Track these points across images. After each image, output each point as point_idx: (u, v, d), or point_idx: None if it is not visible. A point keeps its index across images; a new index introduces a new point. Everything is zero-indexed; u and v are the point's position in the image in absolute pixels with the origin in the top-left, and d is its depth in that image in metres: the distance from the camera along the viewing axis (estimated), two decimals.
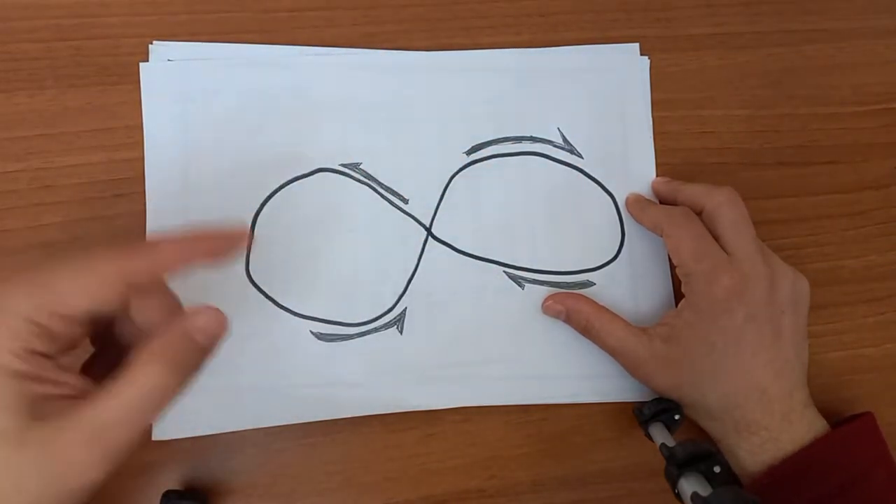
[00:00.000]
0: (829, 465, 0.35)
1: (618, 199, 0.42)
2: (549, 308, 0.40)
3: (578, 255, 0.41)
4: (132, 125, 0.39)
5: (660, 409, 0.38)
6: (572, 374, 0.40)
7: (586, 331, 0.39)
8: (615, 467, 0.40)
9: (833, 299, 0.44)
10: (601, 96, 0.43)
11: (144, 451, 0.35)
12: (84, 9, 0.39)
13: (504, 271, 0.41)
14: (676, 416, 0.38)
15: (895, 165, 0.46)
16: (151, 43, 0.39)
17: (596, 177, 0.42)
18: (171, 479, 0.37)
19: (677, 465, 0.33)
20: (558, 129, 0.42)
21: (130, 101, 0.39)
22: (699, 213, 0.38)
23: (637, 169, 0.42)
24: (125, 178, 0.38)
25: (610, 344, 0.38)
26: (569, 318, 0.40)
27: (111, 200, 0.38)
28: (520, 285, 0.41)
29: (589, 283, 0.41)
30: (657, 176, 0.42)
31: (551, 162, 0.42)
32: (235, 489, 0.37)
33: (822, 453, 0.35)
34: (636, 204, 0.41)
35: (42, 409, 0.21)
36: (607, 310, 0.39)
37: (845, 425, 0.36)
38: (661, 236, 0.38)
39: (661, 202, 0.42)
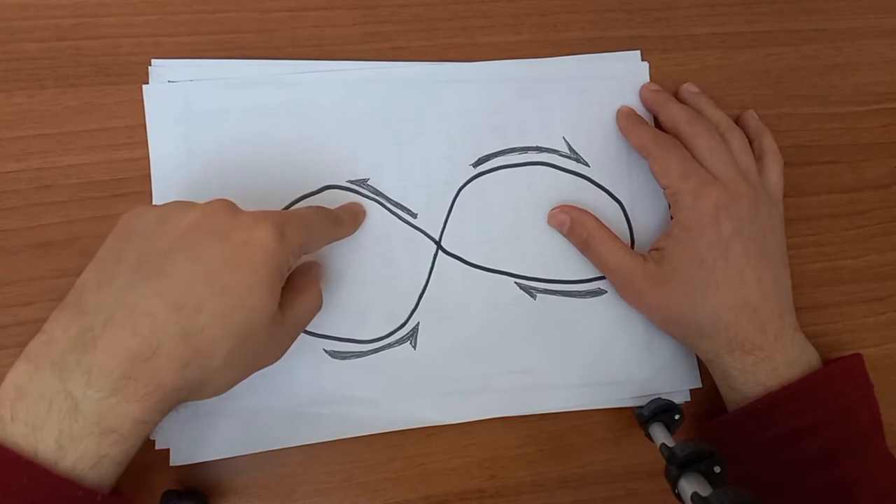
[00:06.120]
0: (819, 397, 0.36)
1: (626, 206, 0.42)
2: (553, 217, 0.41)
3: (589, 262, 0.41)
4: (132, 125, 0.39)
5: (660, 409, 0.38)
6: (590, 382, 0.40)
7: (585, 244, 0.40)
8: (615, 467, 0.40)
9: (833, 299, 0.44)
10: (604, 104, 0.42)
11: (144, 451, 0.35)
12: (84, 9, 0.39)
13: (515, 282, 0.41)
14: (676, 416, 0.38)
15: (895, 165, 0.46)
16: (150, 64, 0.39)
17: (603, 184, 0.42)
18: (170, 479, 0.37)
19: (677, 465, 0.33)
20: (564, 138, 0.42)
21: (130, 100, 0.39)
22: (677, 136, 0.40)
23: (643, 173, 0.42)
24: (125, 178, 0.38)
25: (606, 260, 0.39)
26: (570, 230, 0.40)
27: (111, 200, 0.38)
28: (532, 296, 0.41)
29: (601, 291, 0.41)
30: None
31: (558, 171, 0.42)
32: (235, 489, 0.37)
33: (814, 385, 0.36)
34: (627, 120, 0.42)
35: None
36: (608, 228, 0.40)
37: (836, 361, 0.37)
38: (647, 158, 0.39)
39: (646, 108, 0.43)
